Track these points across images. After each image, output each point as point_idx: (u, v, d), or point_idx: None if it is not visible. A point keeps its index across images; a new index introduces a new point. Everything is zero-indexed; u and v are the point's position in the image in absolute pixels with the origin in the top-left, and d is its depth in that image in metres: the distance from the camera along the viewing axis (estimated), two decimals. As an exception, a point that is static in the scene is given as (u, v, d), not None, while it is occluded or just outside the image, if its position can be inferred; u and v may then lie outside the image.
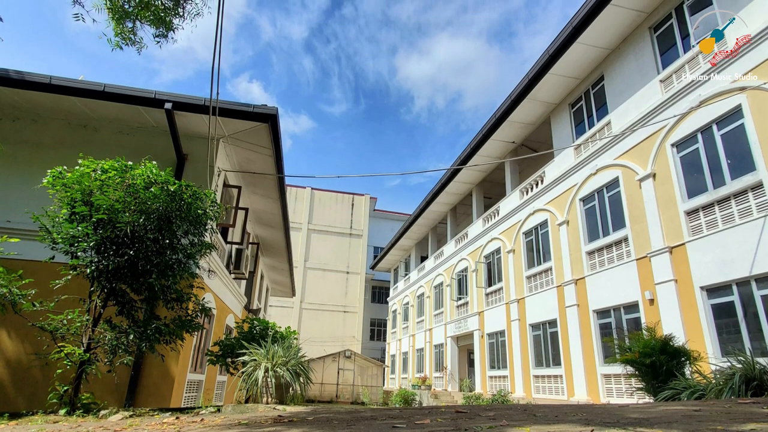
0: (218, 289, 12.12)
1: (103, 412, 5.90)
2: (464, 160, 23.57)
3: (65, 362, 6.26)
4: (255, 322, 11.76)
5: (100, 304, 6.66)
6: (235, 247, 13.74)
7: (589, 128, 16.80)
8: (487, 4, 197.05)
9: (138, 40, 6.62)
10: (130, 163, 6.83)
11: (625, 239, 14.12)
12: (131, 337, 6.54)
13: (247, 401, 10.56)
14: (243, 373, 9.54)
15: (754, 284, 10.21)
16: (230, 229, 13.11)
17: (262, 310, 23.94)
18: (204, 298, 10.25)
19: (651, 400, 8.68)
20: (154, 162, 6.99)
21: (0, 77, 9.18)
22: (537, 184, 19.65)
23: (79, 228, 6.24)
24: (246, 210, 14.20)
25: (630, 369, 9.51)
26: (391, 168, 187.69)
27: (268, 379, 9.12)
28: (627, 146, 14.34)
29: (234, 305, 14.80)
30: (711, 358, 10.41)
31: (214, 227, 8.35)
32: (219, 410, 6.99)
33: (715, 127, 11.57)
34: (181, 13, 6.51)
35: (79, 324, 6.44)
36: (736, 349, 9.38)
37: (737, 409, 4.31)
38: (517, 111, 19.21)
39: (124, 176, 6.54)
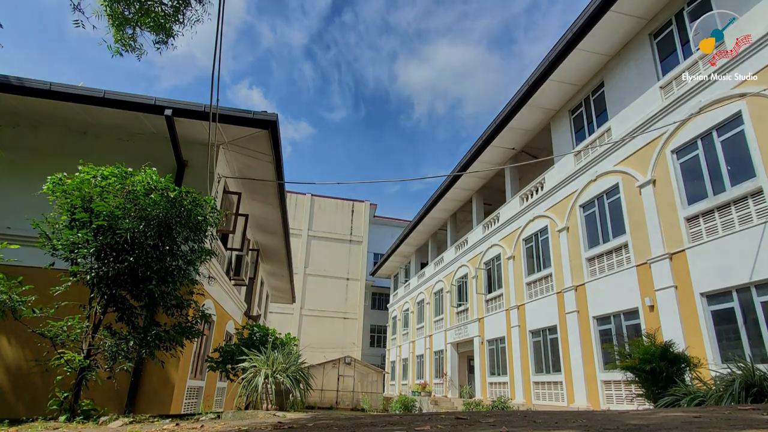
0: (218, 296, 12.11)
1: (103, 419, 5.90)
2: (464, 167, 23.60)
3: (65, 369, 6.25)
4: (255, 328, 11.75)
5: (100, 310, 6.66)
6: (235, 253, 13.74)
7: (589, 135, 16.84)
8: (487, 10, 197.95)
9: (138, 47, 6.63)
10: (130, 169, 6.84)
11: (625, 246, 14.12)
12: (131, 343, 6.53)
13: (247, 407, 10.55)
14: (243, 379, 9.53)
15: (754, 290, 10.20)
16: (230, 236, 13.11)
17: (262, 317, 23.91)
18: (204, 305, 10.24)
19: (651, 407, 8.66)
20: (154, 168, 7.00)
21: (0, 83, 9.22)
22: (537, 191, 19.67)
23: (79, 234, 6.25)
24: (246, 216, 14.21)
25: (630, 375, 9.51)
26: (391, 174, 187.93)
27: (268, 386, 9.12)
28: (627, 153, 14.36)
29: (234, 312, 14.78)
30: (711, 364, 10.39)
31: (214, 234, 8.36)
32: (219, 416, 6.97)
33: (715, 134, 11.60)
34: (181, 20, 6.53)
35: (79, 330, 6.43)
36: (736, 356, 9.36)
37: (737, 416, 4.31)
38: (517, 117, 19.25)
39: (124, 183, 6.55)
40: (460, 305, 26.35)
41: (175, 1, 6.34)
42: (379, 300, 51.27)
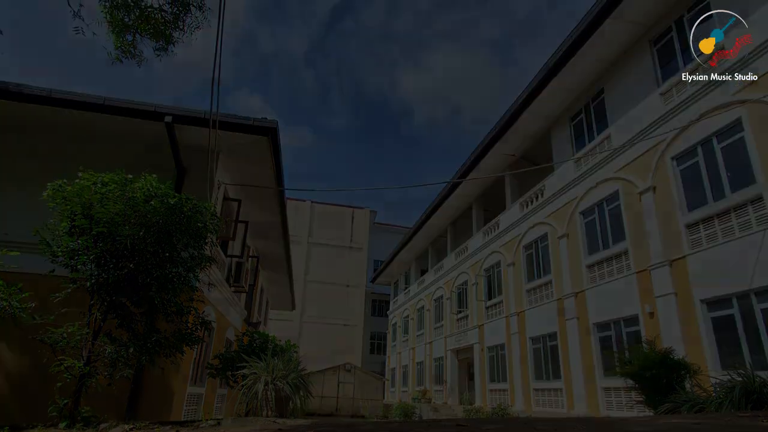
0: (218, 303, 12.09)
1: (103, 426, 5.88)
2: (464, 174, 23.62)
3: (65, 375, 6.24)
4: (255, 335, 11.74)
5: (100, 317, 6.65)
6: (235, 260, 13.72)
7: (589, 141, 16.85)
8: (487, 17, 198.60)
9: (138, 53, 6.67)
10: (130, 176, 6.84)
11: (625, 252, 14.11)
12: (131, 350, 6.52)
13: (247, 414, 10.52)
14: (243, 386, 9.51)
15: (753, 297, 10.19)
16: (230, 243, 13.10)
17: (262, 324, 23.87)
18: (204, 312, 10.23)
19: (651, 414, 8.64)
20: (154, 175, 7.00)
21: (0, 90, 9.23)
22: (537, 198, 19.68)
23: (79, 241, 6.25)
24: (246, 223, 14.20)
25: (630, 382, 9.49)
26: (391, 181, 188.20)
27: (268, 392, 9.10)
28: (627, 159, 14.38)
29: (234, 318, 14.75)
30: (711, 371, 10.36)
31: (214, 240, 8.35)
32: (219, 423, 6.95)
33: (715, 140, 11.61)
34: (181, 26, 6.56)
35: (79, 337, 6.42)
36: (736, 363, 9.35)
37: (737, 423, 4.30)
38: (517, 124, 19.28)
39: (124, 189, 6.56)
40: (460, 312, 26.30)
41: (175, 8, 6.38)
42: (379, 307, 51.18)
